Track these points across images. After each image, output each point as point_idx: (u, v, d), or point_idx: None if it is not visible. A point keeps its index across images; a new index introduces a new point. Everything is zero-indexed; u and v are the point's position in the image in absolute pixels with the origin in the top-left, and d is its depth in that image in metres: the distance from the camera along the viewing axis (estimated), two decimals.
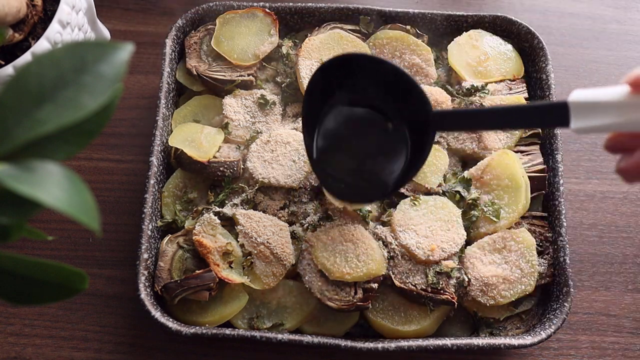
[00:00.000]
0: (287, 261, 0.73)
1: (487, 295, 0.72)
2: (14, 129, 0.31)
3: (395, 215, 0.76)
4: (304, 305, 0.74)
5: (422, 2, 1.01)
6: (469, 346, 0.69)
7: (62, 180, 0.31)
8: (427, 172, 0.78)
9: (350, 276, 0.71)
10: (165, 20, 0.97)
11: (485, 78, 0.85)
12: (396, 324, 0.73)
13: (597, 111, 0.44)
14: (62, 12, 0.74)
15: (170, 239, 0.76)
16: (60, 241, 0.83)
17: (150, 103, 0.91)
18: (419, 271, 0.73)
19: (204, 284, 0.71)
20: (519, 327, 0.74)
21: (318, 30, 0.87)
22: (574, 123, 0.45)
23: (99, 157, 0.88)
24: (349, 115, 0.64)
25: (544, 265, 0.75)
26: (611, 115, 0.44)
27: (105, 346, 0.78)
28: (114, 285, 0.81)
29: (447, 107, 0.81)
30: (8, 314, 0.79)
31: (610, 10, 1.02)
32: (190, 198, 0.79)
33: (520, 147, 0.81)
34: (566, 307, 0.72)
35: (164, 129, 0.80)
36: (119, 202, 0.85)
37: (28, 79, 0.31)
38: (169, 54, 0.83)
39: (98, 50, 0.32)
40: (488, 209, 0.77)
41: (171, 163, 0.81)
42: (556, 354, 0.79)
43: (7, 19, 0.69)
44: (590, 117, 0.45)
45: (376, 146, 0.64)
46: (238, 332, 0.70)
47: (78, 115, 0.31)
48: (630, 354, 0.79)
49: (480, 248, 0.75)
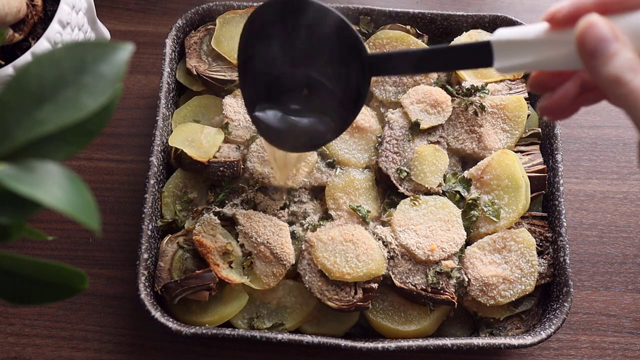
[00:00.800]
0: (287, 261, 0.73)
1: (487, 295, 0.72)
2: (14, 129, 0.31)
3: (395, 215, 0.76)
4: (304, 305, 0.74)
5: (422, 2, 1.01)
6: (469, 346, 0.69)
7: (62, 180, 0.31)
8: (427, 172, 0.78)
9: (350, 276, 0.71)
10: (165, 20, 0.97)
11: (485, 78, 0.85)
12: (396, 324, 0.73)
13: (519, 50, 0.44)
14: (62, 12, 0.74)
15: (170, 239, 0.76)
16: (60, 241, 0.83)
17: (150, 103, 0.91)
18: (419, 271, 0.73)
19: (204, 284, 0.71)
20: (519, 327, 0.74)
21: None
22: (497, 62, 0.45)
23: (99, 157, 0.88)
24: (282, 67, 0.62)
25: (544, 265, 0.75)
26: (532, 53, 0.44)
27: (105, 346, 0.78)
28: (114, 285, 0.81)
29: (447, 107, 0.81)
30: (8, 314, 0.79)
31: None
32: (190, 198, 0.79)
33: (520, 147, 0.81)
34: (566, 307, 0.72)
35: (164, 129, 0.80)
36: (119, 202, 0.85)
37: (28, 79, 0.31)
38: (169, 54, 0.83)
39: (98, 50, 0.32)
40: (488, 209, 0.77)
41: (171, 163, 0.81)
42: (556, 354, 0.79)
43: (7, 19, 0.69)
44: (512, 57, 0.45)
45: (312, 98, 0.63)
46: (238, 332, 0.70)
47: (78, 115, 0.31)
48: (630, 354, 0.79)
49: (480, 248, 0.75)
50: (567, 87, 0.46)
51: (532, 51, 0.44)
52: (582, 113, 0.94)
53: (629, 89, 0.39)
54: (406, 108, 0.81)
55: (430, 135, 0.81)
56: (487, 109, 0.81)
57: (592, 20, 0.41)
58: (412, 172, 0.78)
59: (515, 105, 0.81)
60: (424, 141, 0.81)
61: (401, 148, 0.80)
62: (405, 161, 0.79)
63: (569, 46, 0.42)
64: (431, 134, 0.81)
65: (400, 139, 0.80)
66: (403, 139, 0.80)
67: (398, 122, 0.81)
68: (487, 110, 0.81)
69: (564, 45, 0.42)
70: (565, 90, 0.46)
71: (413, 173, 0.78)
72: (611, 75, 0.40)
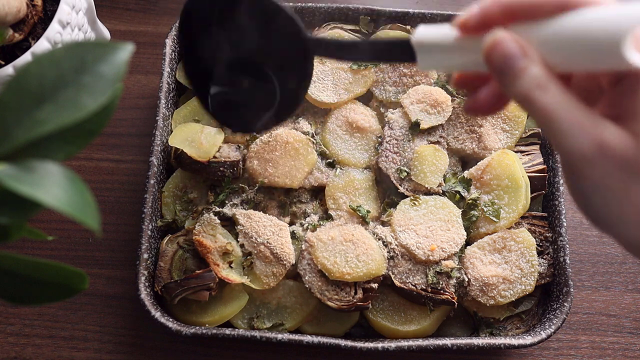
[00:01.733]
0: (287, 261, 0.73)
1: (487, 295, 0.72)
2: (14, 129, 0.31)
3: (395, 215, 0.76)
4: (304, 305, 0.74)
5: (422, 2, 1.01)
6: (469, 346, 0.69)
7: (62, 180, 0.31)
8: (427, 172, 0.78)
9: (350, 276, 0.71)
10: (165, 20, 0.97)
11: None
12: (396, 324, 0.73)
13: (437, 52, 0.44)
14: (62, 12, 0.74)
15: (170, 239, 0.76)
16: (60, 241, 0.83)
17: (150, 103, 0.91)
18: (419, 271, 0.73)
19: (204, 284, 0.71)
20: (519, 327, 0.74)
21: (318, 30, 0.87)
22: (420, 62, 0.46)
23: (99, 157, 0.88)
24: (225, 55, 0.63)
25: (544, 265, 0.75)
26: (449, 57, 0.44)
27: (105, 346, 0.78)
28: (114, 285, 0.81)
29: (447, 107, 0.81)
30: (8, 314, 0.79)
31: None
32: (190, 198, 0.79)
33: (520, 147, 0.81)
34: (566, 307, 0.72)
35: (164, 129, 0.80)
36: (119, 202, 0.85)
37: (28, 79, 0.31)
38: (169, 54, 0.83)
39: (98, 50, 0.32)
40: (488, 209, 0.77)
41: (171, 163, 0.81)
42: (556, 354, 0.79)
43: (7, 19, 0.69)
44: (432, 58, 0.45)
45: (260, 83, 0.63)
46: (238, 332, 0.70)
47: (78, 115, 0.31)
48: (630, 354, 0.79)
49: (480, 248, 0.75)
50: (490, 86, 0.45)
51: (449, 55, 0.44)
52: None
53: (537, 107, 0.38)
54: (406, 108, 0.81)
55: (430, 135, 0.81)
56: None
57: (497, 38, 0.39)
58: (412, 172, 0.78)
59: (515, 105, 0.81)
60: (424, 141, 0.81)
61: (401, 148, 0.80)
62: (405, 161, 0.79)
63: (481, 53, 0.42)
64: (431, 134, 0.81)
65: (400, 139, 0.80)
66: (403, 139, 0.80)
67: (398, 122, 0.81)
68: None
69: (477, 52, 0.41)
70: (488, 90, 0.45)
71: (413, 173, 0.78)
72: (520, 93, 0.39)
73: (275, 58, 0.58)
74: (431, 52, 0.45)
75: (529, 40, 0.39)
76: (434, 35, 0.44)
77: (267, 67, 0.59)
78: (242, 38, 0.58)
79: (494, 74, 0.41)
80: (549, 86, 0.38)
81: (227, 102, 0.63)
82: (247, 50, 0.59)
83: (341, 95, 0.82)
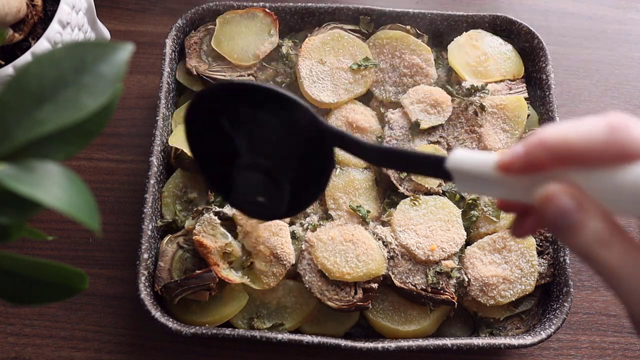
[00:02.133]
0: (287, 261, 0.73)
1: (487, 295, 0.72)
2: (14, 129, 0.31)
3: (395, 215, 0.76)
4: (304, 305, 0.74)
5: (422, 2, 1.01)
6: (469, 346, 0.69)
7: (62, 180, 0.31)
8: None
9: (350, 276, 0.71)
10: (165, 20, 0.97)
11: (485, 78, 0.85)
12: (396, 324, 0.73)
13: (477, 180, 0.41)
14: (62, 12, 0.74)
15: (170, 239, 0.76)
16: (60, 241, 0.83)
17: (150, 103, 0.91)
18: (419, 271, 0.73)
19: (204, 284, 0.71)
20: (519, 327, 0.74)
21: (318, 30, 0.87)
22: (458, 186, 0.43)
23: (99, 157, 0.88)
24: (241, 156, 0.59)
25: (544, 265, 0.75)
26: (490, 188, 0.41)
27: (105, 346, 0.78)
28: (114, 285, 0.81)
29: (447, 107, 0.81)
30: (8, 314, 0.79)
31: (610, 10, 1.02)
32: (190, 198, 0.79)
33: None
34: (566, 307, 0.72)
35: (164, 129, 0.80)
36: (119, 202, 0.85)
37: (28, 79, 0.31)
38: (169, 54, 0.83)
39: (98, 50, 0.32)
40: (488, 209, 0.77)
41: (171, 163, 0.81)
42: (556, 354, 0.79)
43: (7, 19, 0.69)
44: (471, 184, 0.42)
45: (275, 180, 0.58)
46: (238, 332, 0.70)
47: (78, 115, 0.31)
48: (630, 354, 0.79)
49: (480, 248, 0.75)
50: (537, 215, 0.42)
51: (490, 185, 0.41)
52: (582, 114, 0.94)
53: (600, 265, 0.35)
54: (406, 108, 0.81)
55: (430, 135, 0.81)
56: (487, 109, 0.81)
57: (551, 192, 0.36)
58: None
59: (516, 105, 0.81)
60: (424, 141, 0.81)
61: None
62: None
63: (528, 190, 0.39)
64: (431, 134, 0.81)
65: (400, 139, 0.80)
66: (403, 139, 0.80)
67: (398, 122, 0.81)
68: (487, 110, 0.81)
69: (522, 189, 0.39)
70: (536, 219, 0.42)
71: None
72: (580, 250, 0.36)
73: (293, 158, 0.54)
74: (471, 179, 0.41)
75: (586, 189, 0.36)
76: (473, 164, 0.41)
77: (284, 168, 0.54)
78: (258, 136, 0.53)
79: (549, 229, 0.38)
80: (612, 242, 0.35)
81: (244, 194, 0.58)
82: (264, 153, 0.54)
83: (341, 96, 0.82)
